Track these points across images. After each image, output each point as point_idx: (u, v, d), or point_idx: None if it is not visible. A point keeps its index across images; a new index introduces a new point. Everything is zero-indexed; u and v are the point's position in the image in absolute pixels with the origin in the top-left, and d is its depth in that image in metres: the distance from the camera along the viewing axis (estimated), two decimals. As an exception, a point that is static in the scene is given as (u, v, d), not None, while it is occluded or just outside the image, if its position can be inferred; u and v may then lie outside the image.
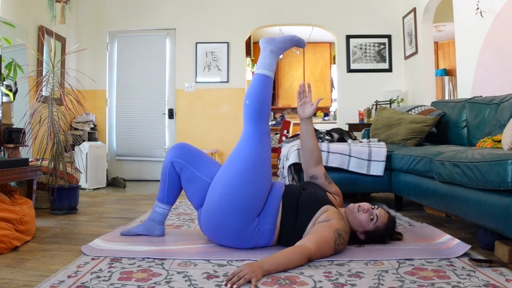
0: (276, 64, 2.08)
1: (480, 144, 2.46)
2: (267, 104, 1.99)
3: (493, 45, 3.47)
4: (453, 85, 7.32)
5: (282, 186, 2.05)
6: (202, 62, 5.72)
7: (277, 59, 2.06)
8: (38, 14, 4.67)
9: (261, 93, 1.97)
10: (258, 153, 1.92)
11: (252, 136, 1.94)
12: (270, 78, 2.00)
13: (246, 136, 1.96)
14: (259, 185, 1.90)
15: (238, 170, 1.90)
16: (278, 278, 1.55)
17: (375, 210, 1.98)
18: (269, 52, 2.04)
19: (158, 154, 5.66)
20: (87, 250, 1.93)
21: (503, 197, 1.73)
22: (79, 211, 3.18)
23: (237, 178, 1.89)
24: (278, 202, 1.95)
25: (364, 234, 1.99)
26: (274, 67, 2.03)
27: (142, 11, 5.77)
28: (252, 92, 1.97)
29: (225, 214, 1.87)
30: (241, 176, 1.89)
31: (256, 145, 1.93)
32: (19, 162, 2.70)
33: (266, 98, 1.98)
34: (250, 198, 1.87)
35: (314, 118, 8.73)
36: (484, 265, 1.67)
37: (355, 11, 5.70)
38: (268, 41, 2.07)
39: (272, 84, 2.03)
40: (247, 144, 1.94)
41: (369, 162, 3.08)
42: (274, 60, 2.04)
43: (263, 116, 1.97)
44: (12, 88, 3.39)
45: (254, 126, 1.95)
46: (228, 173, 1.92)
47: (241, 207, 1.85)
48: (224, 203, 1.87)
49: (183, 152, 2.12)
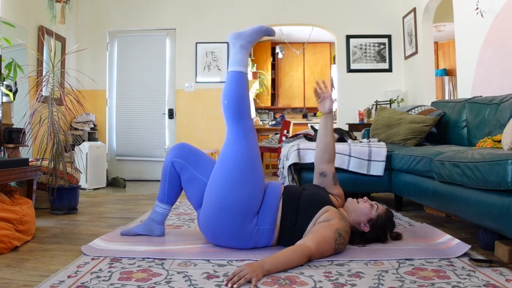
0: (248, 59, 2.05)
1: (480, 144, 2.46)
2: (246, 100, 1.97)
3: (493, 45, 3.47)
4: (453, 85, 7.31)
5: (280, 185, 2.04)
6: (202, 62, 5.72)
7: (248, 53, 2.03)
8: (38, 14, 4.67)
9: (238, 91, 1.95)
10: (245, 150, 1.92)
11: (237, 135, 1.94)
12: (244, 73, 1.98)
13: (231, 135, 1.95)
14: (252, 183, 1.90)
15: (230, 171, 1.90)
16: (278, 278, 1.55)
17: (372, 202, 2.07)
18: (239, 47, 2.01)
19: (158, 154, 5.66)
20: (87, 250, 1.93)
21: (503, 197, 1.73)
22: (79, 211, 3.18)
23: (229, 179, 1.88)
24: (277, 201, 1.95)
25: (368, 224, 2.00)
26: (246, 61, 2.01)
27: (142, 11, 5.77)
28: (228, 91, 1.96)
29: (222, 216, 1.87)
30: (233, 176, 1.88)
31: (243, 143, 1.92)
32: (19, 162, 2.70)
33: (243, 95, 1.96)
34: (245, 198, 1.87)
35: (314, 118, 8.75)
36: (484, 265, 1.67)
37: (355, 11, 5.70)
38: (236, 36, 2.04)
39: (247, 79, 2.00)
40: (233, 144, 1.94)
41: (369, 162, 3.08)
42: (244, 54, 2.01)
43: (244, 113, 1.95)
44: (12, 88, 3.39)
45: (237, 125, 1.94)
46: (220, 175, 1.92)
47: (236, 208, 1.85)
48: (219, 205, 1.87)
49: (183, 152, 2.12)
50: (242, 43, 2.02)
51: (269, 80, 8.70)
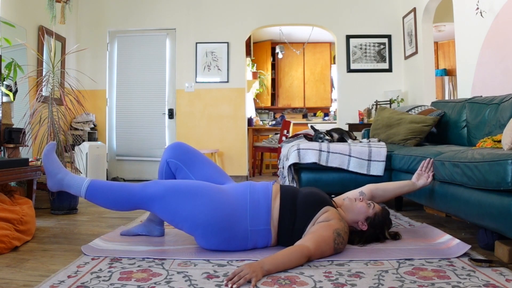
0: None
1: (480, 144, 2.46)
2: (118, 195, 1.90)
3: (493, 45, 3.47)
4: (453, 85, 7.32)
5: (269, 186, 1.99)
6: (202, 62, 5.72)
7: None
8: (38, 14, 4.67)
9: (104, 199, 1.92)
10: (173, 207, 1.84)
11: (153, 200, 1.87)
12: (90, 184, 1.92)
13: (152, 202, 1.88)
14: (206, 194, 1.85)
15: (179, 203, 1.84)
16: (278, 278, 1.55)
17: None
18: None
19: (158, 154, 5.66)
20: (87, 250, 1.92)
21: (503, 197, 1.73)
22: (79, 211, 3.18)
23: (182, 205, 1.84)
24: (268, 202, 1.91)
25: (366, 222, 2.01)
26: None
27: (142, 11, 5.77)
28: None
29: (210, 236, 1.85)
30: (183, 201, 1.83)
31: (164, 202, 1.85)
32: (19, 162, 2.70)
33: (110, 198, 1.91)
34: (212, 210, 1.82)
35: (314, 118, 8.76)
36: (484, 265, 1.67)
37: (355, 11, 5.70)
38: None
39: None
40: (157, 208, 1.88)
41: (369, 162, 3.08)
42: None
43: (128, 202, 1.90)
44: (12, 88, 3.39)
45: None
46: (176, 211, 1.85)
47: (215, 223, 1.82)
48: (202, 229, 1.84)
49: (178, 152, 2.12)
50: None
51: (269, 80, 8.70)
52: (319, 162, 3.06)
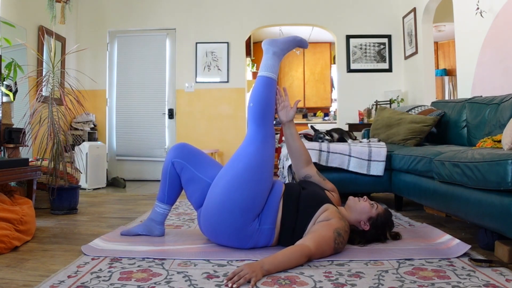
0: (279, 65, 2.08)
1: (480, 144, 2.46)
2: (271, 106, 2.00)
3: (493, 45, 3.47)
4: (453, 85, 7.31)
5: (281, 185, 2.05)
6: (202, 62, 5.72)
7: (279, 60, 2.06)
8: (38, 14, 4.67)
9: (265, 95, 1.98)
10: (259, 155, 1.92)
11: (256, 138, 1.95)
12: (273, 79, 2.01)
13: (250, 137, 1.97)
14: (259, 185, 1.91)
15: (239, 170, 1.90)
16: (278, 278, 1.55)
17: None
18: (272, 54, 2.04)
19: (158, 154, 5.66)
20: (87, 250, 1.93)
21: (503, 197, 1.73)
22: (79, 211, 3.18)
23: (238, 178, 1.89)
24: (278, 201, 1.95)
25: (368, 222, 2.02)
26: (277, 68, 2.03)
27: (142, 11, 5.77)
28: (255, 95, 1.98)
29: (225, 213, 1.87)
30: (242, 176, 1.89)
31: (259, 147, 1.93)
32: (19, 162, 2.70)
33: (269, 100, 1.99)
34: (250, 198, 1.87)
35: (314, 118, 8.75)
36: (484, 265, 1.67)
37: (355, 11, 5.70)
38: (270, 42, 2.07)
39: (275, 86, 2.04)
40: (250, 145, 1.95)
41: (369, 162, 3.08)
42: (276, 61, 2.04)
43: (267, 118, 1.97)
44: (12, 88, 3.39)
45: (258, 128, 1.96)
46: (230, 173, 1.93)
47: (241, 206, 1.86)
48: (225, 202, 1.87)
49: (183, 152, 2.12)
50: (275, 50, 2.04)
51: (269, 80, 8.68)
52: (319, 162, 3.06)
